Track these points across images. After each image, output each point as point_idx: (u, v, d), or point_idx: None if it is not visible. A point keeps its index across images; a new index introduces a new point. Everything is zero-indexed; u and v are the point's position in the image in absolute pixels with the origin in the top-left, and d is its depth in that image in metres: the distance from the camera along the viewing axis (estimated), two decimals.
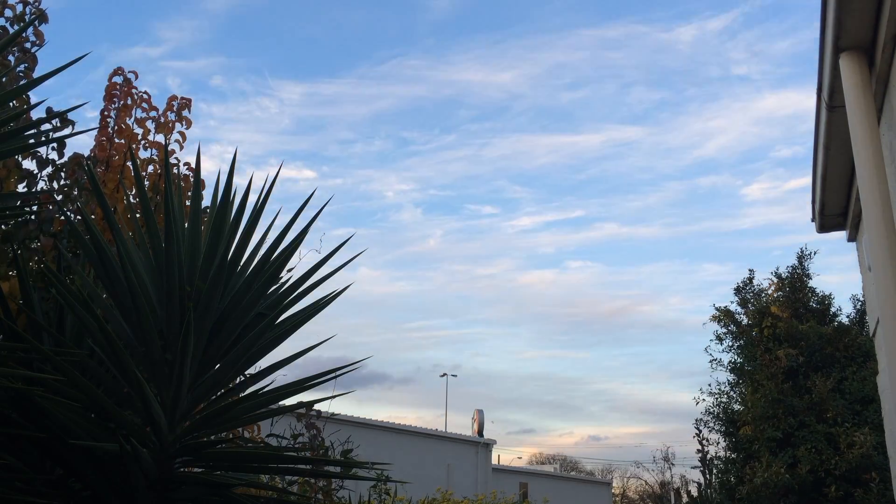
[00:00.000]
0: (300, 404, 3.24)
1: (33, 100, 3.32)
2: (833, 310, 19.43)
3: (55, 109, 3.33)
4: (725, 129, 45.06)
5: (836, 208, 4.84)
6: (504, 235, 52.33)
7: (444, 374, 34.55)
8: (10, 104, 3.05)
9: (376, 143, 48.10)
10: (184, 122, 4.17)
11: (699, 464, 19.72)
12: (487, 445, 24.35)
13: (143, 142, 4.01)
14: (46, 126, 3.38)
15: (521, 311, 60.36)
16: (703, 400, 19.56)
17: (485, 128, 48.07)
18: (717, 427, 18.97)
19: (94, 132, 3.90)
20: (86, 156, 3.71)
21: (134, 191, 3.74)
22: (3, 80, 3.20)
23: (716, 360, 19.72)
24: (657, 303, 58.39)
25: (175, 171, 3.99)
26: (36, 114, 3.33)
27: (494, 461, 25.83)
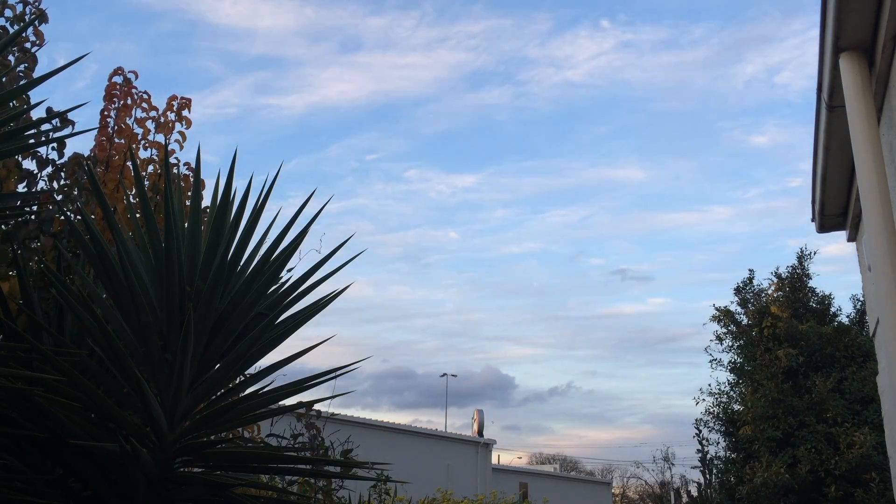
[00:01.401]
0: (300, 404, 3.24)
1: (33, 100, 3.32)
2: (833, 310, 19.44)
3: (55, 109, 3.33)
4: None
5: (836, 208, 4.84)
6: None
7: (444, 375, 34.54)
8: (11, 104, 3.05)
9: None
10: (184, 122, 4.16)
11: (699, 464, 19.72)
12: (487, 445, 24.34)
13: (143, 142, 4.01)
14: (46, 126, 3.38)
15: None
16: (703, 400, 19.58)
17: None
18: (717, 427, 18.97)
19: (94, 132, 3.90)
20: (86, 156, 3.71)
21: (134, 191, 3.74)
22: (3, 80, 3.20)
23: (716, 360, 19.73)
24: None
25: (175, 171, 3.99)
26: (36, 114, 3.33)
27: (494, 461, 25.83)
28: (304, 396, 2.95)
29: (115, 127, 3.90)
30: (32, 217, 3.25)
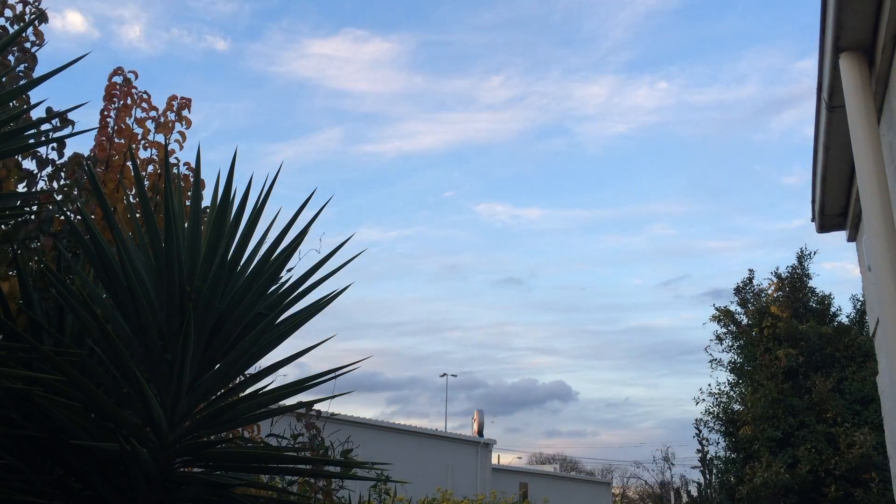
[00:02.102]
0: (300, 404, 3.24)
1: (33, 100, 3.32)
2: (833, 310, 19.43)
3: (55, 109, 3.33)
4: None
5: (836, 208, 4.84)
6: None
7: (444, 375, 34.54)
8: (10, 104, 3.05)
9: None
10: (184, 122, 4.16)
11: (699, 464, 19.72)
12: (487, 445, 24.35)
13: (143, 142, 4.01)
14: (46, 126, 3.38)
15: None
16: (703, 400, 19.57)
17: None
18: (717, 427, 18.96)
19: (94, 132, 3.90)
20: (86, 156, 3.71)
21: (134, 191, 3.74)
22: (3, 80, 3.19)
23: (716, 360, 19.73)
24: None
25: (175, 170, 3.99)
26: (36, 114, 3.33)
27: (494, 461, 25.82)
28: (304, 396, 2.96)
29: (115, 127, 3.90)
30: (32, 217, 3.25)
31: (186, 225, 2.86)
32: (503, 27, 45.99)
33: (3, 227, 3.14)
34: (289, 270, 2.96)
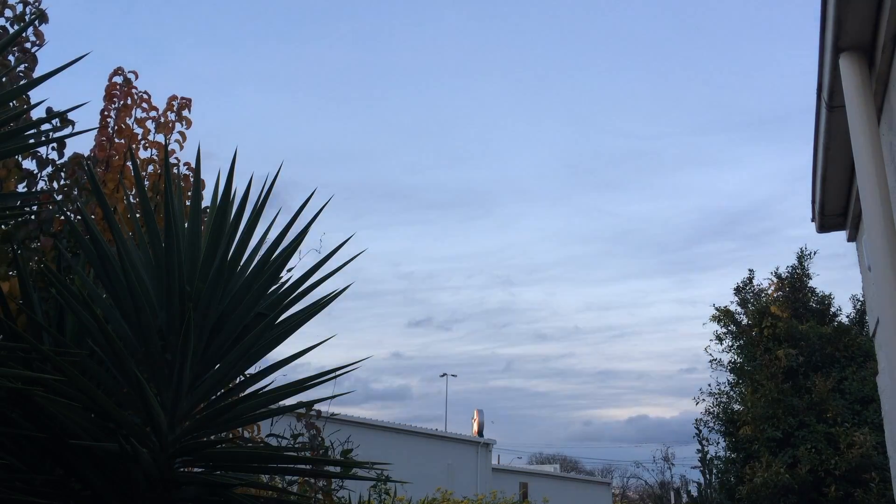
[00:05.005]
0: (300, 404, 3.24)
1: (33, 100, 3.32)
2: (833, 310, 19.43)
3: (55, 109, 3.33)
4: None
5: (836, 208, 4.84)
6: None
7: (444, 374, 34.53)
8: (11, 104, 3.05)
9: None
10: (184, 122, 4.16)
11: (699, 464, 19.72)
12: (487, 445, 24.34)
13: (143, 142, 4.01)
14: (46, 126, 3.38)
15: None
16: (703, 400, 19.57)
17: None
18: (717, 427, 18.96)
19: (94, 132, 3.90)
20: (86, 156, 3.71)
21: (134, 191, 3.74)
22: (3, 80, 3.19)
23: (716, 360, 19.72)
24: None
25: (175, 171, 3.99)
26: (36, 114, 3.33)
27: (494, 461, 25.82)
28: (304, 396, 2.96)
29: (115, 127, 3.90)
30: (32, 217, 3.25)
31: (186, 225, 2.85)
32: None
33: (3, 227, 3.14)
34: (289, 270, 2.96)
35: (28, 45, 3.55)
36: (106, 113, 3.93)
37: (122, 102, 3.96)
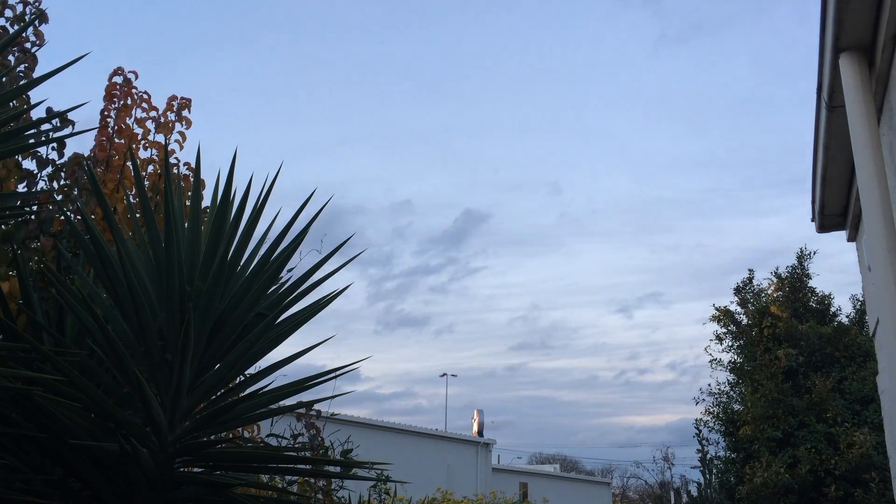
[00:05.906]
0: (300, 404, 3.24)
1: (33, 100, 3.32)
2: (833, 310, 19.43)
3: (55, 109, 3.33)
4: None
5: (836, 208, 4.84)
6: None
7: (444, 374, 34.53)
8: (11, 104, 3.05)
9: None
10: (184, 122, 4.16)
11: (699, 464, 19.72)
12: (487, 445, 24.33)
13: (143, 142, 4.01)
14: (46, 126, 3.38)
15: None
16: (703, 400, 19.57)
17: None
18: (716, 427, 18.96)
19: (94, 132, 3.90)
20: (86, 156, 3.71)
21: (134, 191, 3.74)
22: (3, 80, 3.19)
23: (716, 360, 19.72)
24: None
25: (175, 171, 3.99)
26: (36, 114, 3.33)
27: (494, 461, 25.82)
28: (304, 396, 2.95)
29: (115, 127, 3.90)
30: (32, 217, 3.25)
31: (186, 225, 2.85)
32: None
33: (3, 227, 3.14)
34: (289, 270, 2.96)
35: (28, 45, 3.55)
36: (106, 113, 3.93)
37: (122, 102, 3.96)
